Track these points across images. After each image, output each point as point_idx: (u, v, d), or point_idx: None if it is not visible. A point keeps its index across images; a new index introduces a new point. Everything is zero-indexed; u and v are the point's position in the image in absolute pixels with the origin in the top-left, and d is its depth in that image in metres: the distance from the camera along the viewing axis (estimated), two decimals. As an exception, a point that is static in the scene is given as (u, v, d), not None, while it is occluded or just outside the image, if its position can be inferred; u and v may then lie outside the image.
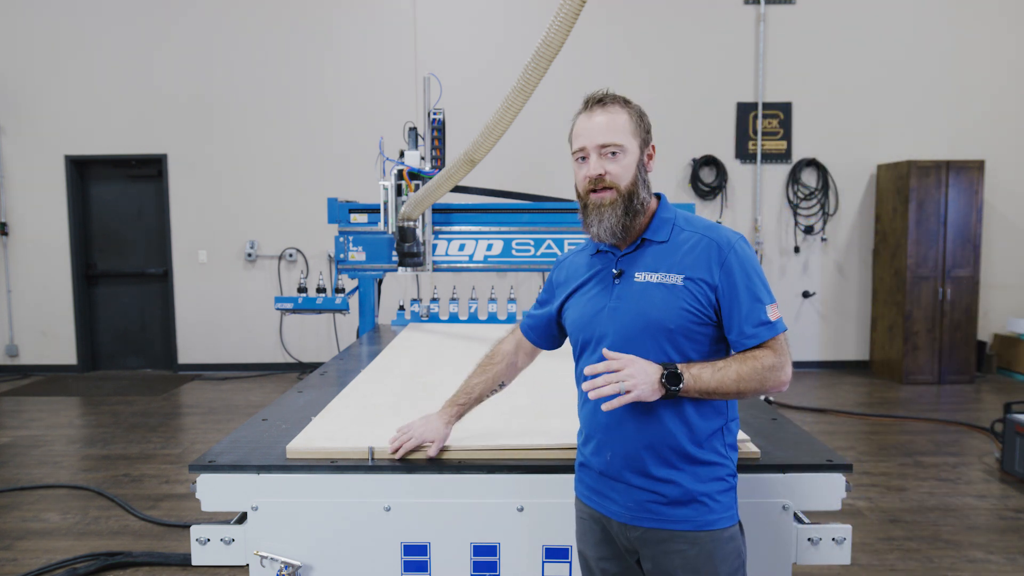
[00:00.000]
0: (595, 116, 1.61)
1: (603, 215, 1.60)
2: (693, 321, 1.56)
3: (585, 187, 1.63)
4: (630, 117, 1.62)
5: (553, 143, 7.45)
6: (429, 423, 1.88)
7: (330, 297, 4.11)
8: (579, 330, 1.69)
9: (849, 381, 7.33)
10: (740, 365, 1.53)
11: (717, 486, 1.59)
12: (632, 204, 1.60)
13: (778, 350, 1.55)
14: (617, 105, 1.62)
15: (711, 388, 1.52)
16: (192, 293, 7.84)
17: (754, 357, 1.53)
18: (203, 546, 1.83)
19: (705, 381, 1.51)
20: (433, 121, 4.11)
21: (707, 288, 1.56)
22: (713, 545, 1.57)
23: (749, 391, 1.53)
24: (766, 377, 1.53)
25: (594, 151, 1.60)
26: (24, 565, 3.44)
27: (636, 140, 1.62)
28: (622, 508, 1.62)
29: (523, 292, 7.35)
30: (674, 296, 1.56)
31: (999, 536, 3.74)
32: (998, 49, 7.61)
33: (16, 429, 5.76)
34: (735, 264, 1.56)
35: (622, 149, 1.60)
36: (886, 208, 7.45)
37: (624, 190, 1.60)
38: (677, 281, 1.57)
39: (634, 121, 1.62)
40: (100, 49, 7.60)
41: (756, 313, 1.55)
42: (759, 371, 1.52)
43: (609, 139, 1.59)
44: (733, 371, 1.52)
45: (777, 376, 1.54)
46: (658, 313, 1.56)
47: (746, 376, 1.52)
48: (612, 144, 1.59)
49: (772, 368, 1.53)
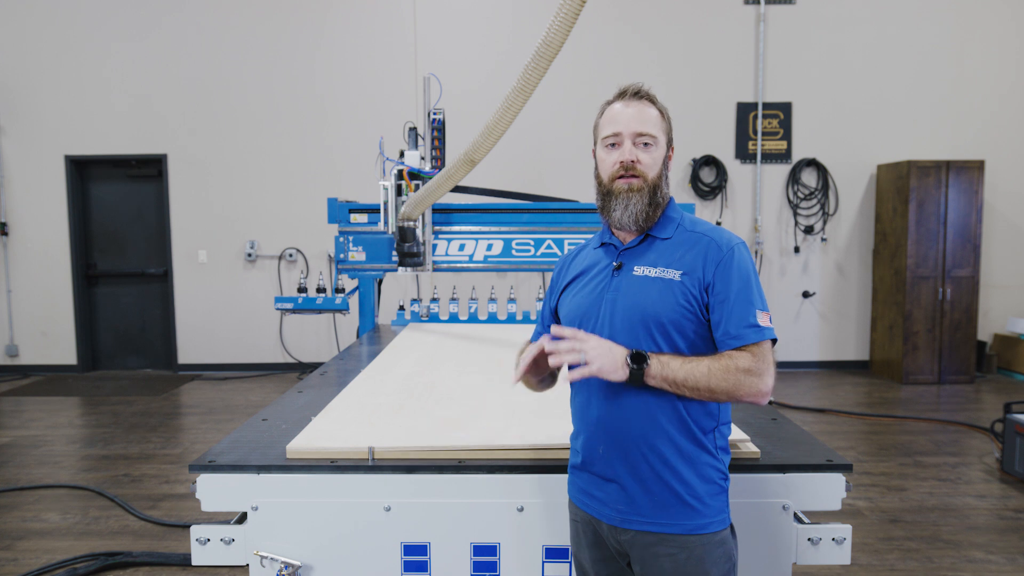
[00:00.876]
0: (632, 105, 1.65)
1: (630, 200, 1.62)
2: (687, 317, 1.56)
3: (612, 173, 1.65)
4: (661, 114, 1.67)
5: (553, 143, 7.52)
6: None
7: (330, 297, 4.11)
8: (574, 319, 1.68)
9: (849, 381, 7.34)
10: (713, 361, 1.51)
11: (708, 489, 1.58)
12: (655, 196, 1.64)
13: (758, 355, 1.51)
14: (651, 100, 1.67)
15: (679, 379, 1.50)
16: (192, 293, 7.84)
17: (729, 356, 1.51)
18: (203, 546, 1.83)
19: (673, 370, 1.50)
20: (433, 121, 4.11)
21: (701, 285, 1.57)
22: (703, 549, 1.57)
23: (721, 391, 1.50)
24: (740, 380, 1.49)
25: (629, 138, 1.63)
26: (24, 565, 3.44)
27: (664, 137, 1.67)
28: (612, 511, 1.62)
29: (523, 292, 7.35)
30: (670, 291, 1.57)
31: (999, 536, 3.75)
32: (999, 49, 7.61)
33: (16, 429, 5.76)
34: (732, 266, 1.57)
35: (655, 141, 1.64)
36: (886, 208, 7.45)
37: (651, 181, 1.64)
38: (675, 276, 1.58)
39: (665, 119, 1.68)
40: (100, 49, 7.60)
41: (745, 315, 1.54)
42: (732, 371, 1.49)
43: (646, 128, 1.63)
44: (704, 366, 1.50)
45: (753, 383, 1.49)
46: (654, 306, 1.57)
47: (717, 373, 1.49)
48: (647, 134, 1.63)
49: (747, 372, 1.49)
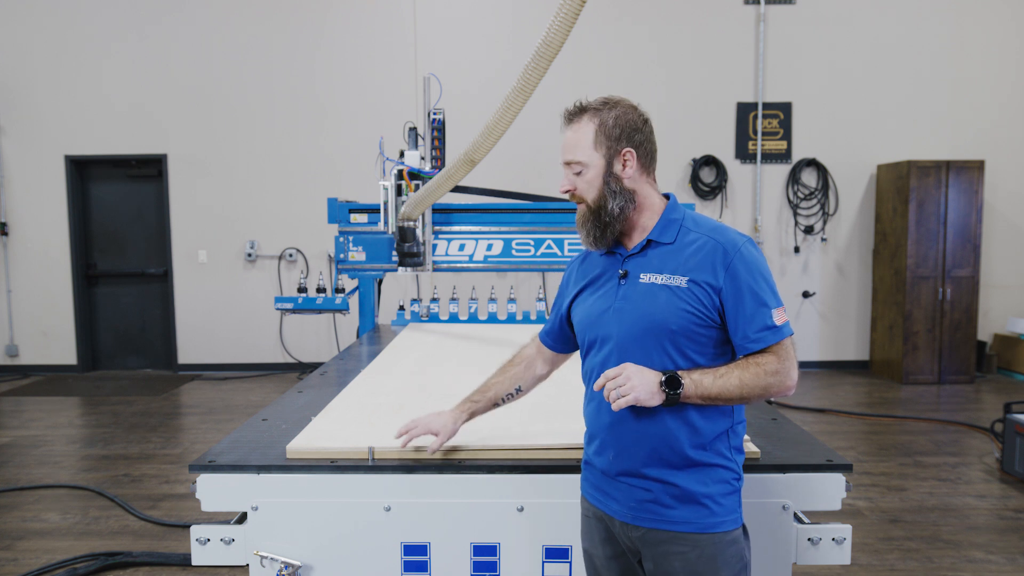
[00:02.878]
0: (565, 133, 1.66)
1: (585, 228, 1.66)
2: (696, 323, 1.56)
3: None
4: (594, 128, 1.61)
5: (553, 143, 7.46)
6: (439, 417, 1.87)
7: (330, 297, 4.11)
8: (585, 329, 1.70)
9: (849, 381, 7.33)
10: (743, 371, 1.53)
11: (720, 488, 1.59)
12: (600, 217, 1.63)
13: (782, 355, 1.54)
14: (585, 116, 1.62)
15: (713, 394, 1.52)
16: (192, 293, 7.84)
17: (757, 363, 1.53)
18: (203, 546, 1.83)
19: (707, 387, 1.52)
20: (433, 121, 4.11)
21: (711, 291, 1.56)
22: (714, 548, 1.57)
23: (753, 397, 1.53)
24: (770, 383, 1.53)
25: (564, 168, 1.66)
26: (24, 565, 3.44)
27: (599, 151, 1.61)
28: (623, 507, 1.62)
29: (523, 292, 7.35)
30: (677, 298, 1.56)
31: (999, 536, 3.75)
32: (998, 49, 7.61)
33: (16, 429, 5.76)
34: (740, 267, 1.56)
35: (583, 165, 1.63)
36: (886, 208, 7.45)
37: (592, 203, 1.63)
38: (681, 283, 1.57)
39: (598, 131, 1.60)
40: (100, 49, 7.60)
41: (761, 317, 1.54)
42: (762, 377, 1.52)
43: (570, 156, 1.64)
44: (735, 377, 1.52)
45: (781, 381, 1.53)
46: (661, 314, 1.56)
47: (749, 382, 1.52)
48: (573, 162, 1.64)
49: (776, 373, 1.53)
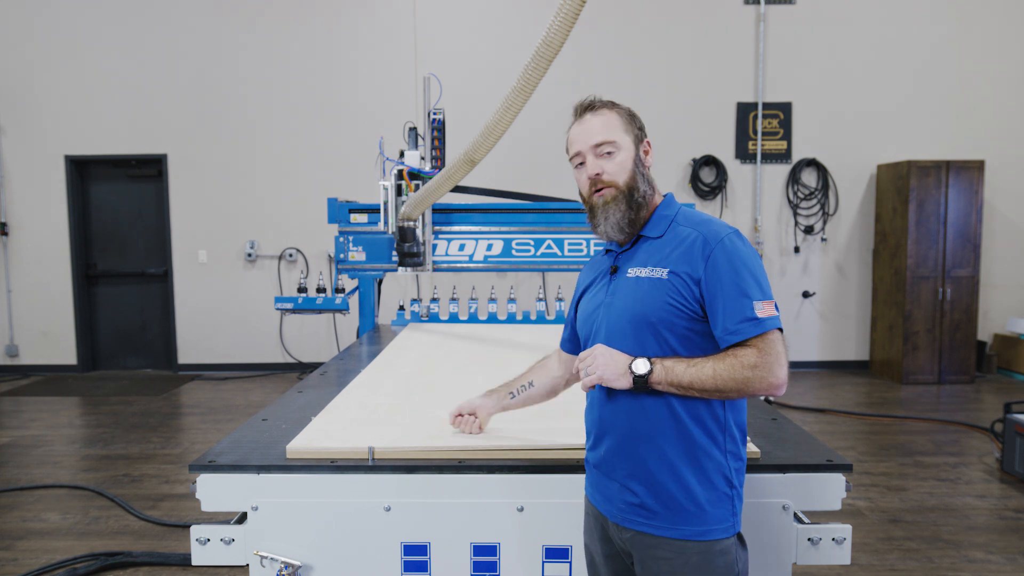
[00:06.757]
0: (586, 120, 1.65)
1: (608, 212, 1.63)
2: (676, 315, 1.54)
3: (588, 189, 1.67)
4: (620, 116, 1.65)
5: (553, 143, 7.46)
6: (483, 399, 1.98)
7: (330, 297, 4.11)
8: (582, 327, 1.73)
9: (849, 381, 7.33)
10: (717, 362, 1.48)
11: (709, 495, 1.54)
12: (633, 198, 1.63)
13: (763, 349, 1.46)
14: (606, 108, 1.66)
15: (685, 382, 1.48)
16: (192, 293, 7.84)
17: (734, 355, 1.47)
18: (203, 546, 1.83)
19: (678, 375, 1.48)
20: (433, 121, 4.11)
21: (691, 282, 1.53)
22: (700, 557, 1.52)
23: (730, 390, 1.47)
24: (748, 377, 1.45)
25: (590, 152, 1.64)
26: (24, 565, 3.44)
27: (629, 136, 1.64)
28: (615, 508, 1.62)
29: (523, 292, 7.35)
30: (658, 290, 1.55)
31: (999, 536, 3.75)
32: (998, 49, 7.61)
33: (16, 429, 5.76)
34: (721, 258, 1.52)
35: (616, 146, 1.63)
36: (886, 208, 7.45)
37: (624, 185, 1.63)
38: (662, 275, 1.56)
39: (624, 119, 1.65)
40: (100, 49, 7.60)
41: (740, 309, 1.48)
42: (738, 369, 1.45)
43: (602, 137, 1.62)
44: (709, 367, 1.47)
45: (763, 376, 1.45)
46: (641, 307, 1.56)
47: (723, 374, 1.46)
48: (606, 142, 1.62)
49: (755, 367, 1.45)
